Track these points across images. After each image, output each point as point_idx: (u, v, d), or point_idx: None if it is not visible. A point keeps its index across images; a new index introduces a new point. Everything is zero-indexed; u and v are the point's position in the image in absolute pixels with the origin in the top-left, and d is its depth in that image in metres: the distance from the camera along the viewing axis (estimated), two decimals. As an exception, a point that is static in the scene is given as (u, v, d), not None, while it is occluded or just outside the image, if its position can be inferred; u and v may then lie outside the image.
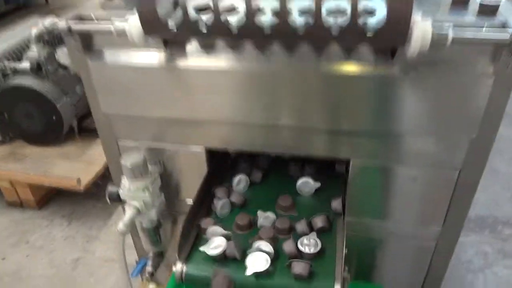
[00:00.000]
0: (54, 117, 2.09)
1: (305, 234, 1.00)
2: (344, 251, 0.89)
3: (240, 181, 1.20)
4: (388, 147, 1.00)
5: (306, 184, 1.17)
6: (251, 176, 1.22)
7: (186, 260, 0.97)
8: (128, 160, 1.06)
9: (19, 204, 2.26)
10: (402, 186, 1.06)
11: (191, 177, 1.18)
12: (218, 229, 1.01)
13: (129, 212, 1.08)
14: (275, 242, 0.98)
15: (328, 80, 0.92)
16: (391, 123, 0.95)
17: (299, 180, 1.17)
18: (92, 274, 1.87)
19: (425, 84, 0.88)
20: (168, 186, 1.22)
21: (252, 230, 1.04)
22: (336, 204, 1.09)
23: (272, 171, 1.27)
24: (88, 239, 2.07)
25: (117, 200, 1.13)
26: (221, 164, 1.26)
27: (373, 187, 1.09)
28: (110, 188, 1.14)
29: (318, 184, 1.16)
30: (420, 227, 1.13)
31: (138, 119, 1.11)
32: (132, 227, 1.36)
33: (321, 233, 1.01)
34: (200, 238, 1.03)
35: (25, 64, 2.05)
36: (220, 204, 1.10)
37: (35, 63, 2.05)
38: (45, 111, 2.08)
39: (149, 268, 1.28)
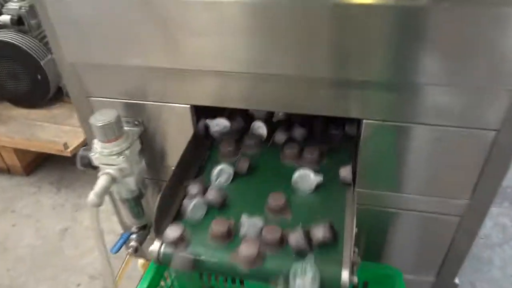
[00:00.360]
0: (39, 76, 1.95)
1: (301, 248, 0.75)
2: (354, 230, 0.72)
3: (221, 172, 0.93)
4: (408, 103, 0.82)
5: (305, 177, 0.90)
6: (236, 165, 0.95)
7: (165, 237, 0.82)
8: (99, 119, 0.90)
9: (6, 170, 2.14)
10: (423, 150, 0.89)
11: (177, 140, 1.02)
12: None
13: (102, 181, 0.92)
14: (261, 261, 0.75)
15: (338, 13, 0.73)
16: (413, 71, 0.76)
17: (295, 171, 0.90)
18: (78, 246, 1.76)
19: (460, 19, 0.69)
20: (150, 150, 1.06)
21: (232, 240, 0.80)
22: (345, 172, 0.90)
23: (262, 158, 1.00)
24: (77, 208, 1.95)
25: (90, 166, 0.97)
26: (200, 149, 1.03)
27: (388, 152, 0.92)
28: (81, 152, 0.99)
29: (319, 178, 0.89)
30: (443, 200, 0.97)
31: (110, 70, 0.94)
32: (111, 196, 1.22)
33: (322, 247, 0.76)
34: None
35: (5, 17, 1.89)
36: (192, 206, 0.83)
37: (16, 16, 1.90)
38: (29, 69, 1.93)
39: (133, 243, 1.14)
